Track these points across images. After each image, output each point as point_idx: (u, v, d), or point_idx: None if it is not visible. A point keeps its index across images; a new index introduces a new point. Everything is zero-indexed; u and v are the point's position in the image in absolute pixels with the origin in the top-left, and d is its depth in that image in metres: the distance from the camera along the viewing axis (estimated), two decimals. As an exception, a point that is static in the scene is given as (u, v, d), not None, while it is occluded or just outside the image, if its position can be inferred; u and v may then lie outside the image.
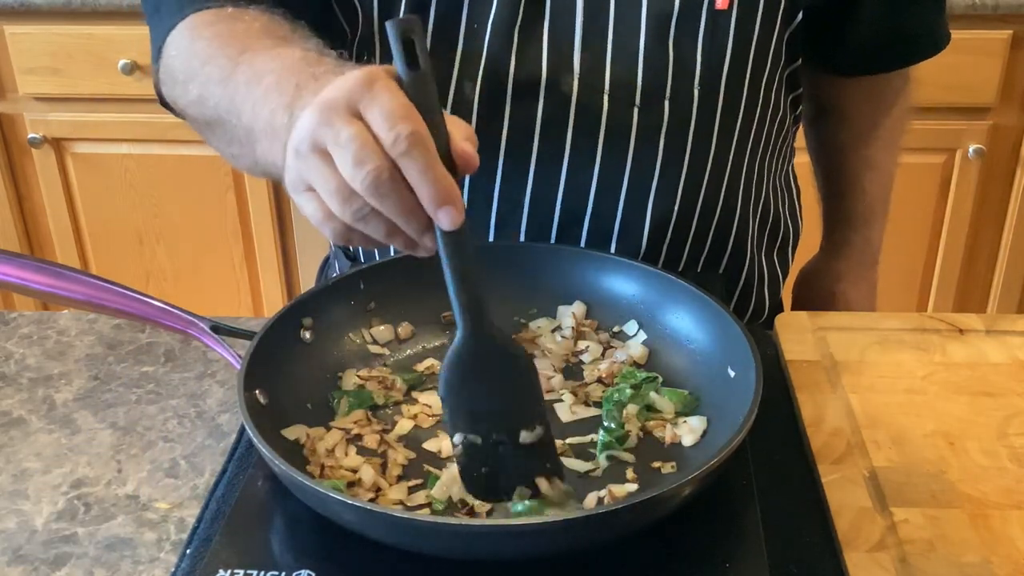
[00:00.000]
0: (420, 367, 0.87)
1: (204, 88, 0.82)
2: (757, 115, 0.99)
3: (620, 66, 0.93)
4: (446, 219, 0.63)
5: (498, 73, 0.93)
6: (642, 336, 0.88)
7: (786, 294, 1.21)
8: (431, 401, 0.83)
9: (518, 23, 0.92)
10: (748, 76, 0.96)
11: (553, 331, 0.89)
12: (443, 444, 0.78)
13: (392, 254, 1.01)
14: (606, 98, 0.93)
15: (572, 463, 0.76)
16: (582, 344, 0.88)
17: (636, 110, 0.93)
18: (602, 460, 0.76)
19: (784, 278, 1.15)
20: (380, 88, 0.62)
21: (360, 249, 1.07)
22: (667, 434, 0.78)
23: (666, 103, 0.94)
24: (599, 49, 0.92)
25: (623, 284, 0.89)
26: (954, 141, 2.00)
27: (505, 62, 0.93)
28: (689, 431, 0.78)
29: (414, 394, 0.84)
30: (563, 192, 0.96)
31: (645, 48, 0.92)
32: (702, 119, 0.95)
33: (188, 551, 0.72)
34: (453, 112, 0.93)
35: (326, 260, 1.20)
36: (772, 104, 1.01)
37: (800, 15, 0.97)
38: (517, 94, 0.94)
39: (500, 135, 0.95)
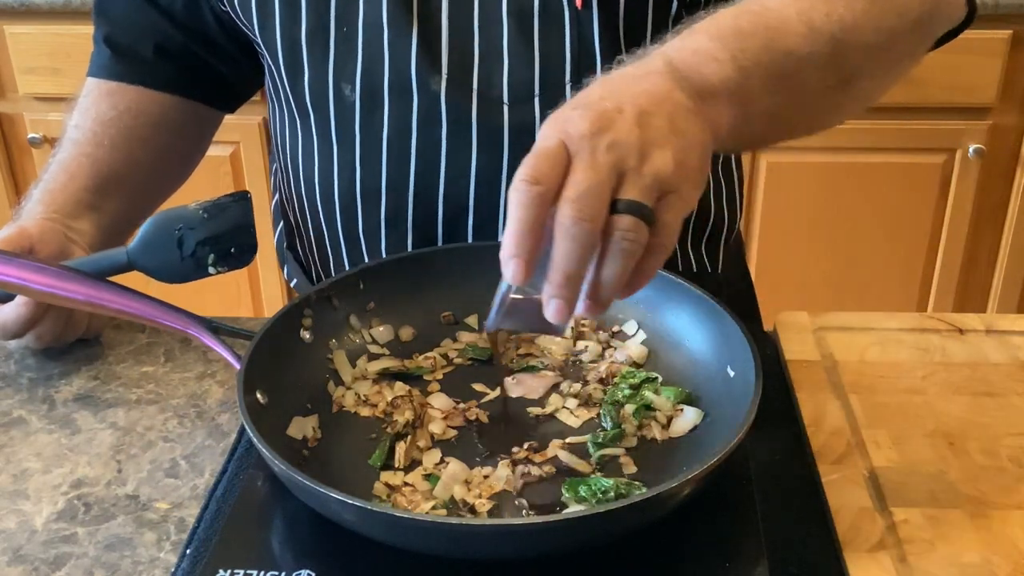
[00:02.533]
0: (425, 362, 0.87)
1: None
2: None
3: (486, 64, 0.93)
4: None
5: (373, 75, 0.95)
6: (641, 336, 0.88)
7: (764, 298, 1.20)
8: (439, 403, 0.83)
9: (385, 25, 0.93)
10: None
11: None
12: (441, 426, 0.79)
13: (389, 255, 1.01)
14: (475, 96, 0.93)
15: (571, 460, 0.76)
16: (581, 344, 0.88)
17: (506, 108, 0.94)
18: (595, 457, 0.76)
19: (716, 269, 1.12)
20: None
21: (315, 274, 1.11)
22: (656, 431, 0.78)
23: (536, 100, 0.94)
24: (466, 48, 0.93)
25: (623, 284, 0.89)
26: (954, 141, 2.00)
27: (379, 63, 0.94)
28: (682, 420, 0.78)
29: (429, 399, 0.83)
30: (444, 188, 0.97)
31: (509, 45, 0.92)
32: None
33: (188, 551, 0.72)
34: (336, 114, 0.97)
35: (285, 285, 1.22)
36: None
37: (675, 3, 0.93)
38: (392, 94, 0.95)
39: (381, 133, 0.96)
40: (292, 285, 1.18)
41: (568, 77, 0.93)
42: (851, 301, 2.14)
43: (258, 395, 0.76)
